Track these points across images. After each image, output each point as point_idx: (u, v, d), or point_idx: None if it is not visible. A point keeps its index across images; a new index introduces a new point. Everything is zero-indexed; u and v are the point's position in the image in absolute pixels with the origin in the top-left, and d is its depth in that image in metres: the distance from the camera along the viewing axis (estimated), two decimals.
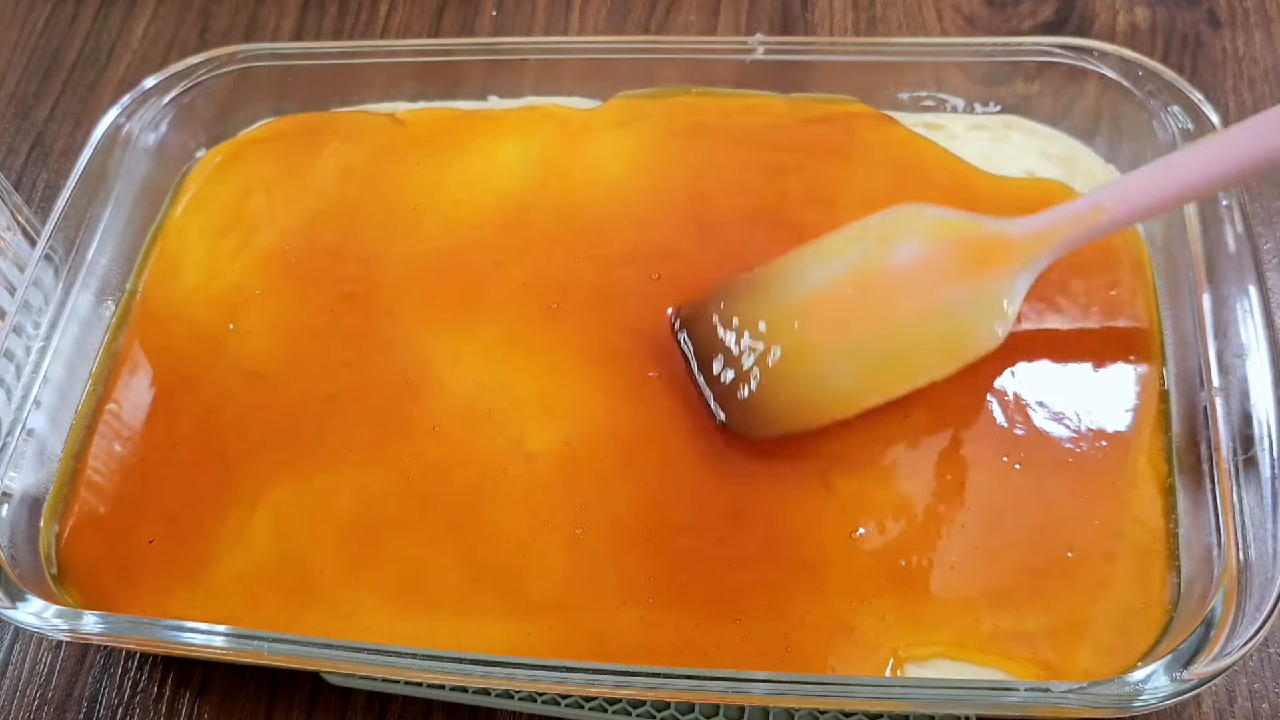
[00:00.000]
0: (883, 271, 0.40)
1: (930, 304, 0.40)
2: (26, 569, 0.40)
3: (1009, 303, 0.40)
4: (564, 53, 0.51)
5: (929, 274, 0.40)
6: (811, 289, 0.41)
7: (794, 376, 0.40)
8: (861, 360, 0.40)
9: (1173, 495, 0.39)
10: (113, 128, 0.49)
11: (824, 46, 0.51)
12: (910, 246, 0.40)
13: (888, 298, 0.40)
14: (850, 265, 0.41)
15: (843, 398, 0.40)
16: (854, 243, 0.41)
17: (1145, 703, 0.34)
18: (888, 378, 0.40)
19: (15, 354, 0.43)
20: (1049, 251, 0.40)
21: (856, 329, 0.40)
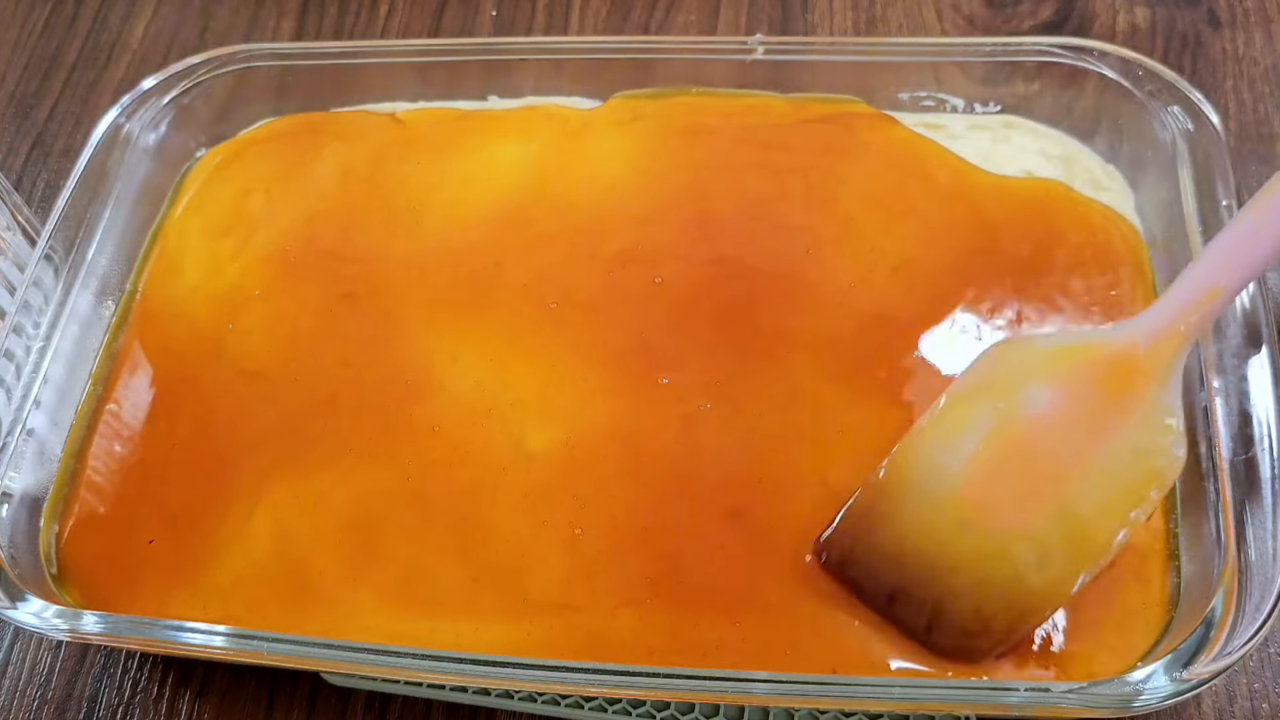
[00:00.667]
0: (1027, 429, 0.35)
1: (1098, 449, 0.35)
2: (26, 569, 0.40)
3: (1174, 419, 0.35)
4: (564, 53, 0.51)
5: (1077, 418, 0.35)
6: (960, 476, 0.35)
7: (989, 581, 0.35)
8: (1055, 533, 0.35)
9: (1173, 495, 0.39)
10: (113, 128, 0.49)
11: (824, 46, 0.51)
12: (1041, 393, 0.35)
13: (1050, 455, 0.35)
14: (989, 432, 0.36)
15: (1053, 584, 0.35)
16: (976, 405, 0.36)
17: (1145, 703, 0.34)
18: (1091, 544, 0.35)
19: (15, 354, 0.43)
20: (1183, 350, 0.35)
21: (1034, 501, 0.35)
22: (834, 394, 0.42)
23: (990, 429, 0.36)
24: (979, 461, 0.35)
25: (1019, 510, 0.35)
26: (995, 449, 0.36)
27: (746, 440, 0.41)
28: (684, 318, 0.44)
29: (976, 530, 0.35)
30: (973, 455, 0.36)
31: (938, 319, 0.43)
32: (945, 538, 0.36)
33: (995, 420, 0.36)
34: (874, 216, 0.46)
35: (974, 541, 0.35)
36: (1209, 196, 0.43)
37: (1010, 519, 0.35)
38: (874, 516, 0.37)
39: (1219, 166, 0.43)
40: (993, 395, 0.36)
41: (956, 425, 0.36)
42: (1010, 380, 0.36)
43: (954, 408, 0.37)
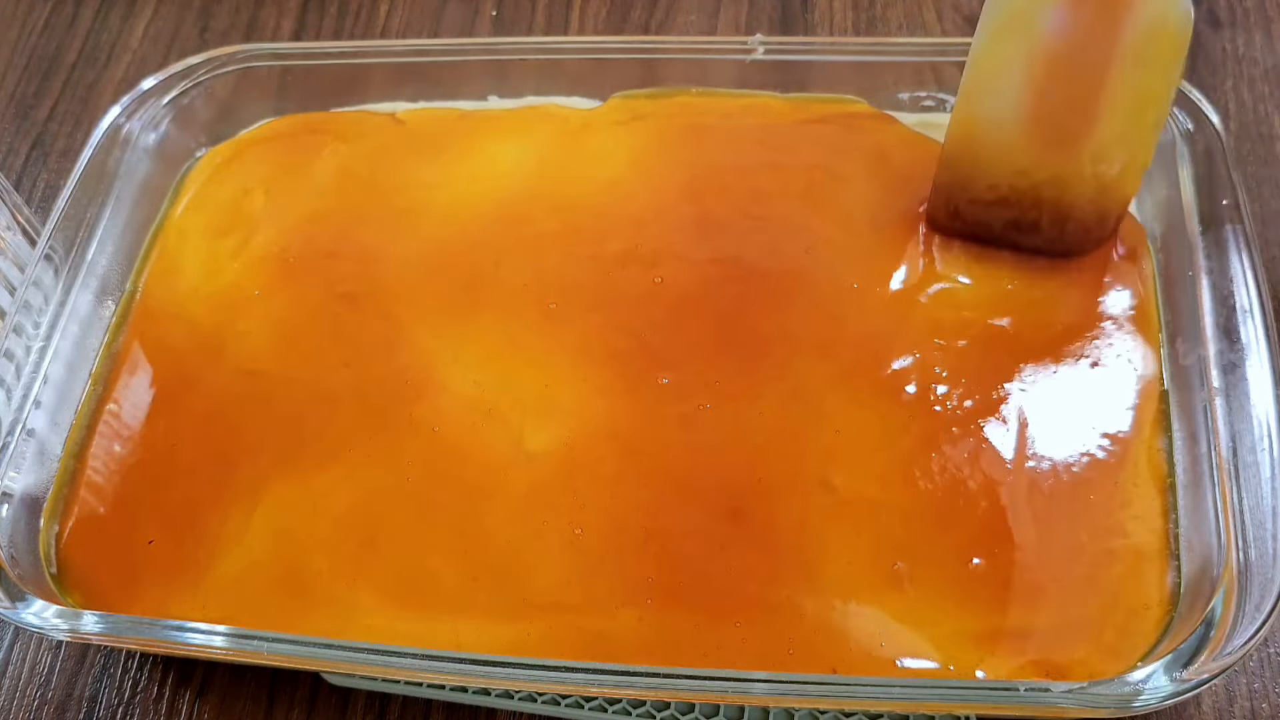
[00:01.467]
0: (1057, 51, 0.39)
1: (1120, 40, 0.39)
2: (26, 569, 0.40)
3: None
4: (564, 53, 0.51)
5: (1093, 22, 0.39)
6: (1019, 113, 0.40)
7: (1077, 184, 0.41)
8: (1113, 129, 0.40)
9: (1173, 495, 0.39)
10: (113, 128, 0.49)
11: (824, 46, 0.51)
12: (1055, 15, 0.39)
13: (1085, 62, 0.39)
14: (1027, 69, 0.40)
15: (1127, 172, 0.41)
16: (1006, 49, 0.40)
17: (1145, 703, 0.34)
18: (1143, 128, 0.40)
19: (15, 354, 0.43)
20: None
21: (1087, 108, 0.40)
22: (834, 394, 0.42)
23: (1026, 66, 0.40)
24: (1031, 95, 0.40)
25: (1078, 121, 0.40)
26: (1039, 81, 0.40)
27: (746, 440, 0.41)
28: (684, 318, 0.44)
29: (1052, 153, 0.41)
30: (1024, 92, 0.40)
31: (941, 317, 0.43)
32: (1029, 167, 0.41)
33: (1027, 57, 0.40)
34: (875, 216, 0.46)
35: (1054, 160, 0.41)
36: (1209, 196, 0.43)
37: (1073, 131, 0.40)
38: (959, 176, 0.43)
39: (1219, 166, 0.43)
40: (1015, 36, 0.40)
41: (997, 74, 0.40)
42: (1026, 14, 0.39)
43: (986, 60, 0.40)
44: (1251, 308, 0.40)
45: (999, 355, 0.42)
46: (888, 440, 0.41)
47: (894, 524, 0.39)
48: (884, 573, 0.38)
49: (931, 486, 0.40)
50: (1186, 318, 0.41)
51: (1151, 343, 0.42)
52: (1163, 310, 0.43)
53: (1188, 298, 0.41)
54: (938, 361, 0.42)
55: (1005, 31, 0.40)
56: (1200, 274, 0.41)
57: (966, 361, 0.42)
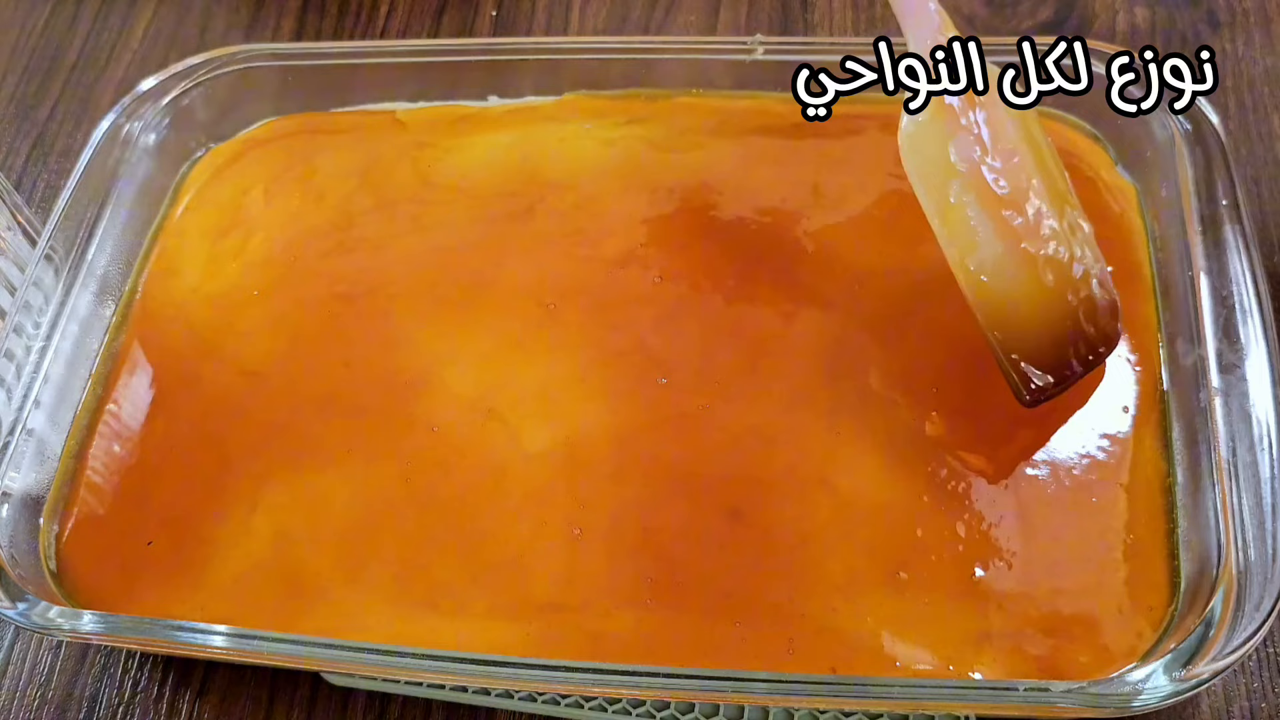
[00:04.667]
0: (980, 177, 0.39)
1: (1025, 145, 0.40)
2: (26, 569, 0.40)
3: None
4: (564, 53, 0.51)
5: (994, 133, 0.39)
6: (1001, 253, 0.40)
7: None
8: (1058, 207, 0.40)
9: (1173, 495, 0.39)
10: (113, 128, 0.49)
11: (824, 46, 0.51)
12: (958, 149, 0.39)
13: (1009, 173, 0.39)
14: (973, 210, 0.39)
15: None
16: (948, 203, 0.40)
17: (1145, 702, 0.34)
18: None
19: (15, 354, 0.43)
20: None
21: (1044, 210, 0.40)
22: (834, 394, 0.42)
23: (969, 207, 0.39)
24: (990, 216, 0.39)
25: (1042, 231, 0.39)
26: (982, 205, 0.39)
27: (746, 440, 0.41)
28: (683, 318, 0.44)
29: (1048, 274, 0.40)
30: (994, 225, 0.39)
31: (941, 317, 0.43)
32: (1038, 292, 0.40)
33: (963, 200, 0.39)
34: (876, 216, 0.46)
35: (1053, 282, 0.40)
36: (1209, 197, 0.43)
37: (1033, 228, 0.39)
38: (1015, 337, 0.40)
39: (1219, 166, 0.43)
40: (947, 188, 0.39)
41: (961, 227, 0.40)
42: (935, 165, 0.39)
43: (952, 227, 0.40)
44: (1251, 308, 0.40)
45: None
46: (888, 440, 0.41)
47: (894, 524, 0.39)
48: (884, 573, 0.38)
49: (931, 486, 0.40)
50: (1186, 318, 0.41)
51: (1151, 343, 0.42)
52: (1162, 310, 0.43)
53: (1188, 298, 0.41)
54: (939, 362, 0.42)
55: (939, 193, 0.39)
56: (1200, 274, 0.41)
57: (967, 363, 0.42)
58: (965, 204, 0.39)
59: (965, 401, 0.41)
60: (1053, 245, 0.39)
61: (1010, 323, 0.40)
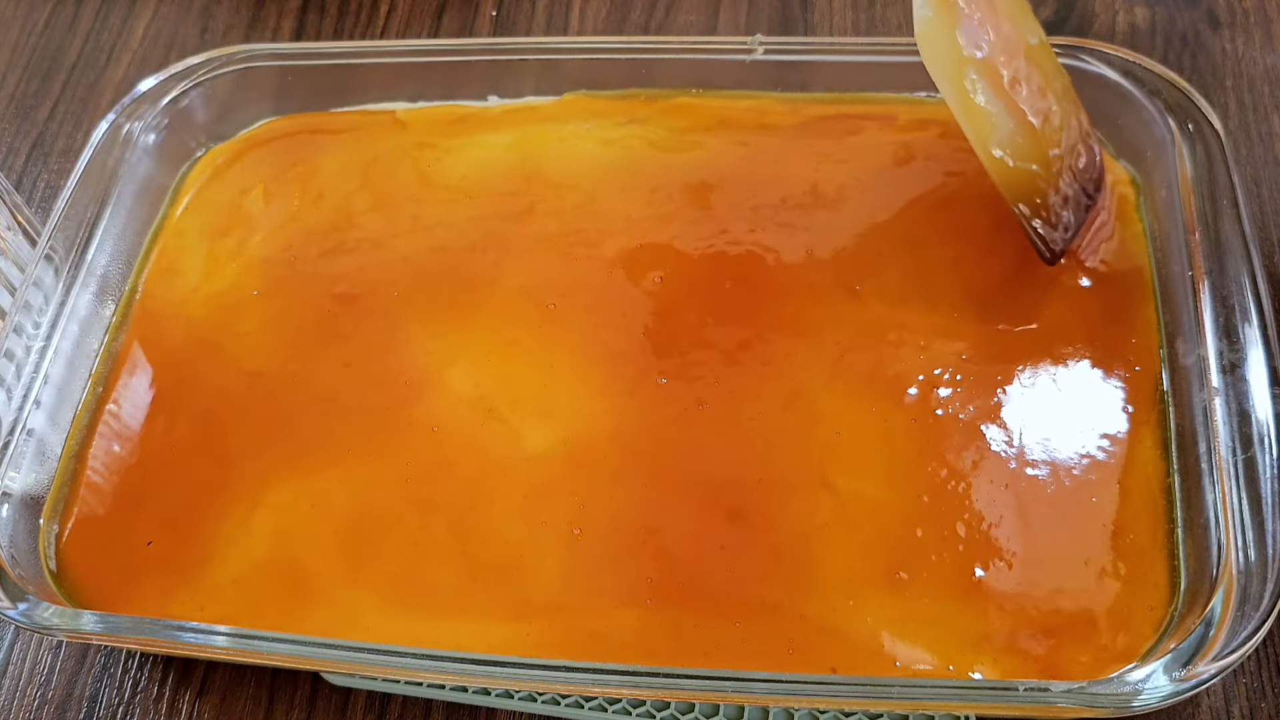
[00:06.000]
0: (991, 59, 0.41)
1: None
2: (26, 569, 0.40)
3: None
4: (564, 53, 0.51)
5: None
6: (1007, 114, 0.42)
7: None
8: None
9: (1172, 495, 0.39)
10: (113, 128, 0.49)
11: (824, 46, 0.51)
12: (968, 33, 0.40)
13: (1015, 46, 0.42)
14: (989, 85, 0.41)
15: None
16: (964, 87, 0.41)
17: (1144, 703, 0.34)
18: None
19: (15, 354, 0.43)
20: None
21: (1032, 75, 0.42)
22: (834, 394, 0.42)
23: (989, 83, 0.41)
24: (1002, 100, 0.41)
25: (1033, 95, 0.42)
26: (995, 91, 0.41)
27: (746, 440, 0.41)
28: (684, 318, 0.44)
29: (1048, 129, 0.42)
30: (995, 103, 0.41)
31: (941, 318, 0.43)
32: (1046, 161, 0.42)
33: (977, 85, 0.41)
34: (875, 216, 0.46)
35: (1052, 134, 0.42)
36: (1209, 196, 0.43)
37: (1035, 102, 0.42)
38: (1033, 200, 0.43)
39: (1219, 166, 0.43)
40: (958, 75, 0.41)
41: (976, 104, 0.41)
42: (949, 54, 0.41)
43: (965, 104, 0.41)
44: (1251, 308, 0.40)
45: (999, 357, 0.42)
46: (888, 440, 0.41)
47: (894, 524, 0.39)
48: (884, 573, 0.38)
49: (931, 486, 0.40)
50: (1186, 318, 0.41)
51: (1151, 343, 0.42)
52: (1162, 310, 0.43)
53: (1187, 298, 0.41)
54: (938, 363, 0.42)
55: (955, 77, 0.41)
56: (1200, 274, 0.41)
57: (967, 363, 0.42)
58: (979, 89, 0.41)
59: (965, 400, 0.41)
60: (1054, 113, 0.42)
61: (1030, 193, 0.42)
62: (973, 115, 0.41)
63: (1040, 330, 0.43)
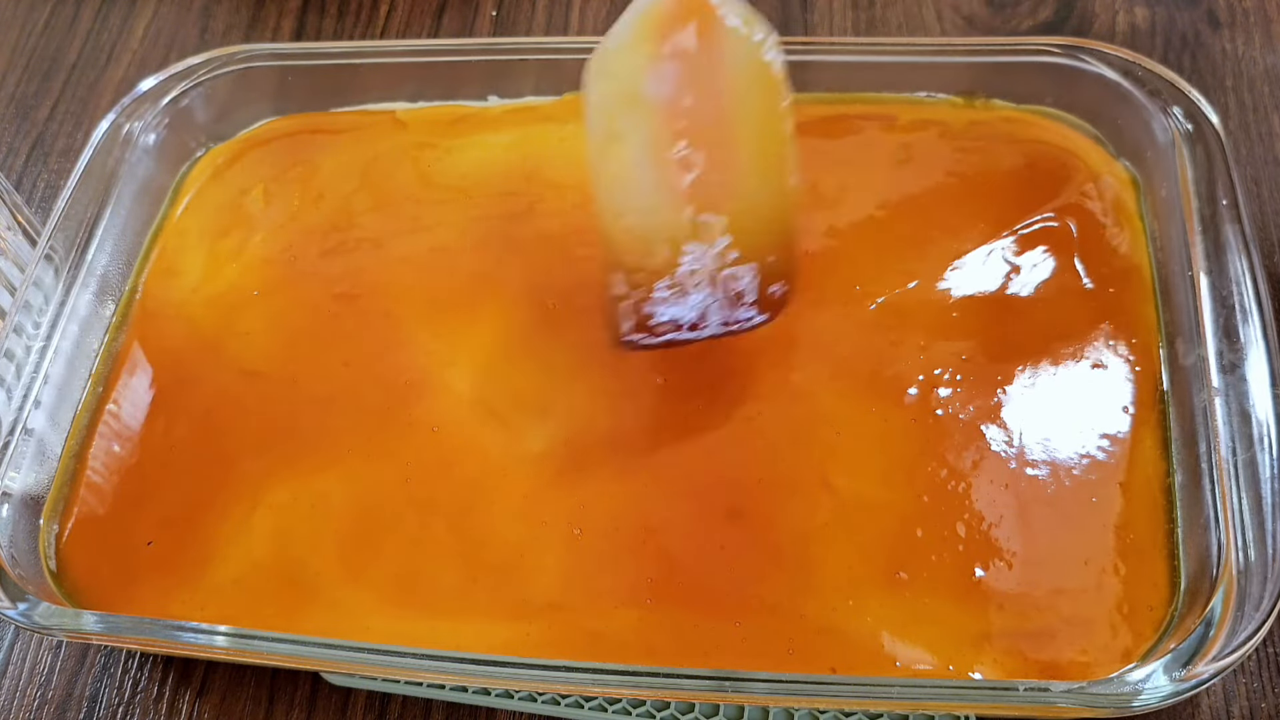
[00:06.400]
0: (660, 119, 0.37)
1: (721, 94, 0.37)
2: (26, 569, 0.40)
3: (752, 28, 0.36)
4: (564, 53, 0.51)
5: (688, 80, 0.37)
6: (649, 188, 0.38)
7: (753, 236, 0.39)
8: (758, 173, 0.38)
9: (1172, 495, 0.39)
10: (113, 128, 0.49)
11: (824, 46, 0.51)
12: (649, 83, 0.37)
13: (689, 125, 0.37)
14: (640, 142, 0.37)
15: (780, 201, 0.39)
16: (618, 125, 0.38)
17: (1144, 702, 0.34)
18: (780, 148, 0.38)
19: (15, 354, 0.43)
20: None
21: (732, 165, 0.38)
22: (834, 394, 0.42)
23: (637, 138, 0.37)
24: (654, 166, 0.37)
25: (724, 179, 0.37)
26: (649, 151, 0.37)
27: (746, 440, 0.41)
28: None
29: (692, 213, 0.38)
30: (644, 164, 0.37)
31: (941, 318, 0.43)
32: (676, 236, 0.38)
33: (636, 129, 0.37)
34: (875, 216, 0.46)
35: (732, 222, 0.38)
36: (1209, 197, 0.43)
37: (705, 197, 0.37)
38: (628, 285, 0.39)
39: (1219, 166, 0.43)
40: (618, 111, 0.37)
41: (615, 159, 0.38)
42: (619, 90, 0.37)
43: (603, 144, 0.38)
44: (1251, 308, 0.40)
45: (999, 357, 0.42)
46: (888, 441, 0.41)
47: (894, 524, 0.39)
48: (884, 573, 0.38)
49: (931, 487, 0.40)
50: (1186, 318, 0.41)
51: (1151, 343, 0.42)
52: (1162, 310, 0.43)
53: (1187, 298, 0.41)
54: (938, 363, 0.42)
55: (614, 120, 0.38)
56: (1200, 274, 0.41)
57: (967, 363, 0.42)
58: (635, 140, 0.36)
59: (966, 400, 0.41)
60: (714, 225, 0.37)
61: (635, 271, 0.38)
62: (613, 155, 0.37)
63: (1040, 330, 0.43)
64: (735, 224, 0.38)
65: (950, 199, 0.47)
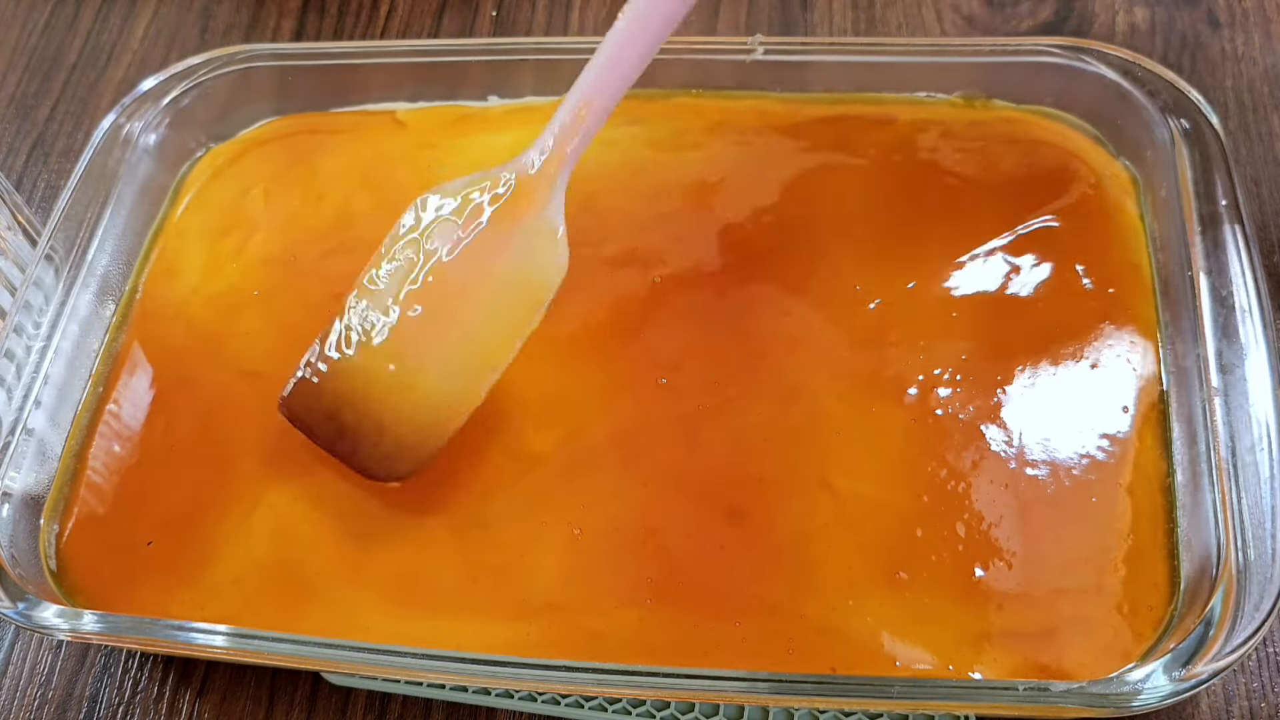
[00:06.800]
0: (441, 269, 0.40)
1: (495, 272, 0.40)
2: (26, 569, 0.40)
3: (559, 230, 0.40)
4: (564, 53, 0.51)
5: (478, 251, 0.40)
6: (389, 329, 0.41)
7: (415, 407, 0.40)
8: (462, 359, 0.41)
9: (1172, 495, 0.39)
10: (113, 128, 0.49)
11: (824, 46, 0.51)
12: (449, 231, 0.40)
13: (459, 290, 0.40)
14: (412, 282, 0.41)
15: (461, 398, 0.40)
16: (399, 260, 0.41)
17: (1144, 702, 0.34)
18: (494, 357, 0.40)
19: (15, 354, 0.43)
20: (565, 168, 0.41)
21: (445, 337, 0.40)
22: (834, 394, 0.42)
23: (412, 278, 0.41)
24: (405, 310, 0.40)
25: (429, 344, 0.40)
26: (416, 297, 0.40)
27: (746, 440, 0.41)
28: (683, 318, 0.44)
29: (401, 368, 0.40)
30: (401, 308, 0.41)
31: (941, 318, 0.43)
32: (378, 380, 0.41)
33: (415, 270, 0.41)
34: (876, 216, 0.46)
35: (398, 378, 0.40)
36: (1209, 197, 0.43)
37: (422, 352, 0.40)
38: (326, 377, 0.41)
39: (1219, 166, 0.43)
40: (409, 248, 0.41)
41: (383, 291, 0.41)
42: (424, 229, 0.41)
43: (380, 275, 0.41)
44: (1251, 308, 0.40)
45: (999, 357, 0.42)
46: (888, 441, 0.41)
47: (894, 524, 0.39)
48: (883, 573, 0.38)
49: (931, 487, 0.40)
50: (1186, 318, 0.41)
51: (1150, 343, 0.42)
52: (1162, 310, 0.43)
53: (1187, 298, 0.41)
54: (938, 363, 0.42)
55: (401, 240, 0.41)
56: (1199, 274, 0.41)
57: (967, 363, 0.42)
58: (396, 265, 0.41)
59: (965, 400, 0.41)
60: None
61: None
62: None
63: (1040, 330, 0.43)
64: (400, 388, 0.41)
65: (950, 199, 0.47)
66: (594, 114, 0.40)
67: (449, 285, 0.40)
